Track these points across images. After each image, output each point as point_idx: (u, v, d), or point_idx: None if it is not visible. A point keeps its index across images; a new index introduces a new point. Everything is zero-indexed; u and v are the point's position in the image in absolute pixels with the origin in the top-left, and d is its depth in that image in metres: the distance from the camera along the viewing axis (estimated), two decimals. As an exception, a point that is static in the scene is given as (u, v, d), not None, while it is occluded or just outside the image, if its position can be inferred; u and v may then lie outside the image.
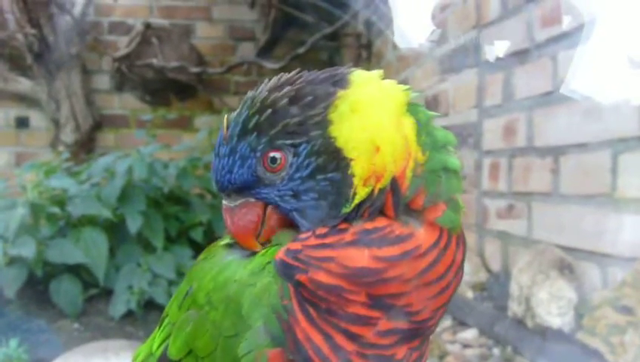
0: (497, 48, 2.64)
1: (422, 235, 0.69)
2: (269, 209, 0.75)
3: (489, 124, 2.76)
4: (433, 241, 0.69)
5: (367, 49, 4.71)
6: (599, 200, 2.01)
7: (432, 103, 3.37)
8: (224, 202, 0.77)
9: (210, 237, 3.97)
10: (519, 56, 2.47)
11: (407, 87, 0.75)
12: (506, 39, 2.57)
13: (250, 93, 0.75)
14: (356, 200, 0.69)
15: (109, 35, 5.20)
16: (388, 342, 0.70)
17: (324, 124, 0.69)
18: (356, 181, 0.69)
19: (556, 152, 2.25)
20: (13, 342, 2.87)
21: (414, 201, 0.70)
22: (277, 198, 0.73)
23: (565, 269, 2.09)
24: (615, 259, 1.94)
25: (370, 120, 0.69)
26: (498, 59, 2.63)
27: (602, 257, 2.00)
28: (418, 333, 0.73)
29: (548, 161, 2.30)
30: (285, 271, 0.70)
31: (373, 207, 0.69)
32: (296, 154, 0.70)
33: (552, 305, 2.03)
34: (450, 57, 3.16)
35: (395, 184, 0.69)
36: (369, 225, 0.69)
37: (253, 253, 0.76)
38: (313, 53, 4.92)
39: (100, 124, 5.16)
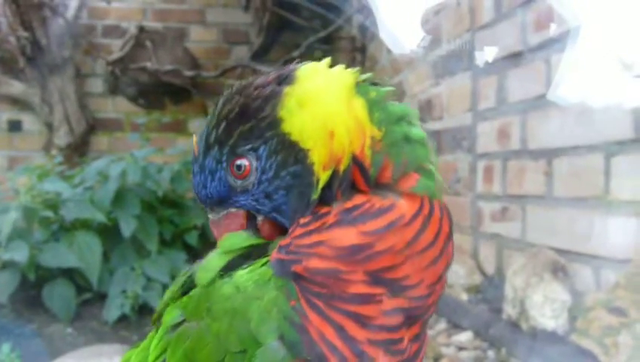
0: (491, 51, 2.66)
1: (403, 205, 0.69)
2: (260, 220, 0.79)
3: (483, 127, 2.78)
4: (416, 209, 0.70)
5: (362, 52, 4.72)
6: (592, 202, 2.02)
7: (426, 107, 3.38)
8: (209, 216, 0.81)
9: (205, 240, 3.96)
10: (513, 59, 2.48)
11: (355, 69, 0.76)
12: (500, 42, 2.59)
13: (211, 109, 0.79)
14: (320, 185, 0.71)
15: (103, 39, 5.17)
16: (395, 323, 0.70)
17: (275, 123, 0.73)
18: (316, 168, 0.71)
19: (550, 155, 2.26)
20: (6, 347, 2.85)
21: (382, 175, 0.71)
22: (254, 203, 0.77)
23: (559, 271, 2.10)
24: (608, 261, 1.95)
25: (319, 108, 0.72)
26: (492, 62, 2.65)
27: (595, 259, 2.01)
28: (419, 314, 0.72)
29: (541, 163, 2.31)
30: (281, 267, 0.70)
31: (342, 187, 0.71)
32: (258, 158, 0.74)
33: (546, 307, 2.04)
34: (443, 61, 3.17)
35: (358, 161, 0.71)
36: (348, 204, 0.70)
37: (253, 254, 0.75)
38: (308, 57, 4.89)
39: (93, 127, 5.14)
